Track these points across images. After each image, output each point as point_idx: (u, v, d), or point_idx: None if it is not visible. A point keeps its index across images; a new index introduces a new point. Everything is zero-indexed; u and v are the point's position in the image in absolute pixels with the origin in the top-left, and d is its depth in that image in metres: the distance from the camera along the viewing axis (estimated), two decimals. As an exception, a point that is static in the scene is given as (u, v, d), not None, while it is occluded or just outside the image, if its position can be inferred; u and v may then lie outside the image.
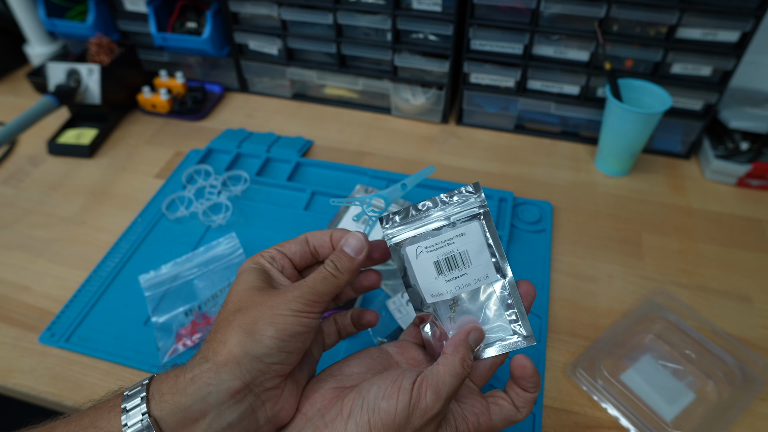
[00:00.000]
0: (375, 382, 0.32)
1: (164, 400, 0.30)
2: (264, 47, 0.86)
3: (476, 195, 0.36)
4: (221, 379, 0.31)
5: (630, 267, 0.62)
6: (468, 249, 0.36)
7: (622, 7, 0.67)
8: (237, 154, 0.76)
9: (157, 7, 0.84)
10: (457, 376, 0.32)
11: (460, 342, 0.34)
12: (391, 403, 0.30)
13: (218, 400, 0.30)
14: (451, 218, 0.36)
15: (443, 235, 0.36)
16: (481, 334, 0.35)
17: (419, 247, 0.36)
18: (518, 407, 0.35)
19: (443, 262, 0.36)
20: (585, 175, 0.76)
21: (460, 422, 0.33)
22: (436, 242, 0.36)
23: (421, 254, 0.36)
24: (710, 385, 0.51)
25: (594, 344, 0.54)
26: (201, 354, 0.32)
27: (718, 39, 0.68)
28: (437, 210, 0.37)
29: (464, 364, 0.33)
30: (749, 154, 0.72)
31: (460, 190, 0.36)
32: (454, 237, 0.36)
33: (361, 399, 0.31)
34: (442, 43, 0.78)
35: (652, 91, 0.71)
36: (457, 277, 0.36)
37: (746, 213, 0.70)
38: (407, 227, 0.37)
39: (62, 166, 0.78)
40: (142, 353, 0.53)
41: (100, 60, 0.83)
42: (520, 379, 0.35)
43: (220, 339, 0.32)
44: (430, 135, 0.83)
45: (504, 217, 0.66)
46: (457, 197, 0.36)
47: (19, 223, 0.68)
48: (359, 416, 0.31)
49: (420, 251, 0.36)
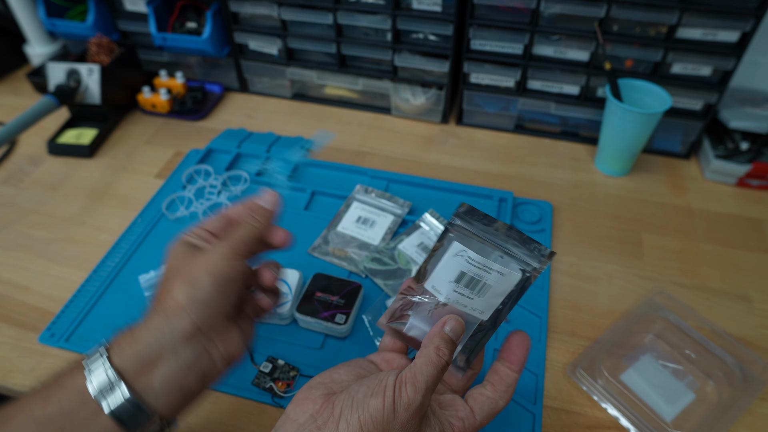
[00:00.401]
0: (363, 383, 0.33)
1: (123, 351, 0.34)
2: (264, 47, 0.86)
3: (542, 260, 0.36)
4: (173, 325, 0.34)
5: (630, 267, 0.62)
6: (493, 286, 0.36)
7: (622, 7, 0.67)
8: (237, 154, 0.76)
9: (157, 7, 0.84)
10: (432, 365, 0.33)
11: (435, 333, 0.35)
12: (379, 399, 0.31)
13: (173, 344, 0.34)
14: (506, 256, 0.36)
15: (489, 259, 0.36)
16: (458, 324, 0.36)
17: (465, 251, 0.37)
18: (499, 394, 0.36)
19: (467, 277, 0.37)
20: (585, 175, 0.76)
21: (447, 428, 0.34)
22: (479, 261, 0.36)
23: (459, 257, 0.37)
24: (710, 385, 0.51)
25: (594, 344, 0.54)
26: (150, 311, 0.36)
27: (718, 39, 0.68)
28: (508, 241, 0.37)
29: (439, 352, 0.33)
30: (749, 154, 0.72)
31: (538, 245, 0.36)
32: (494, 269, 0.36)
33: (351, 399, 0.32)
34: (442, 43, 0.78)
35: (652, 91, 0.71)
36: (463, 294, 0.37)
37: (746, 213, 0.70)
38: (474, 227, 0.37)
39: (62, 166, 0.78)
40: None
41: (100, 60, 0.83)
42: (510, 353, 0.36)
43: (165, 294, 0.36)
44: (430, 135, 0.83)
45: (504, 217, 0.66)
46: (530, 246, 0.36)
47: (19, 223, 0.68)
48: (349, 416, 0.32)
49: (461, 254, 0.37)
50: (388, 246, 0.63)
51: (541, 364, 0.52)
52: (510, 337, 0.37)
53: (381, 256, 0.62)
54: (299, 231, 0.66)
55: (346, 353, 0.53)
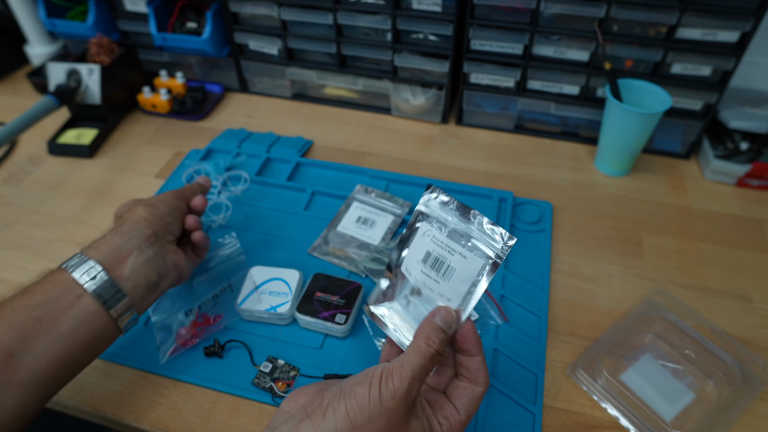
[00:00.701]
0: (354, 377, 0.35)
1: (99, 250, 0.44)
2: (264, 47, 0.86)
3: (504, 244, 0.36)
4: (138, 229, 0.47)
5: (630, 267, 0.62)
6: (457, 270, 0.37)
7: (622, 7, 0.67)
8: (237, 154, 0.76)
9: (158, 7, 0.84)
10: (421, 355, 0.34)
11: (425, 324, 0.36)
12: (365, 387, 0.33)
13: (138, 242, 0.46)
14: (471, 241, 0.37)
15: (453, 242, 0.37)
16: (448, 314, 0.37)
17: (431, 230, 0.38)
18: (473, 381, 0.37)
19: (432, 257, 0.38)
20: (585, 175, 0.76)
21: (435, 426, 0.35)
22: (443, 241, 0.38)
23: (426, 236, 0.39)
24: (710, 385, 0.51)
25: (594, 344, 0.54)
26: (117, 225, 0.48)
27: (718, 39, 0.68)
28: (471, 224, 0.38)
29: (428, 342, 0.35)
30: (749, 154, 0.72)
31: (501, 231, 0.37)
32: (457, 251, 0.37)
33: (339, 389, 0.34)
34: (442, 43, 0.78)
35: (652, 91, 0.71)
36: (430, 276, 0.38)
37: (746, 213, 0.70)
38: (442, 211, 0.39)
39: (62, 166, 0.78)
40: (143, 353, 0.53)
41: (100, 60, 0.83)
42: (462, 342, 0.37)
43: (130, 213, 0.49)
44: (430, 135, 0.83)
45: (504, 217, 0.67)
46: (493, 232, 0.37)
47: (19, 223, 0.69)
48: (337, 404, 0.33)
49: (427, 234, 0.39)
50: (388, 246, 0.63)
51: (541, 363, 0.52)
52: (458, 331, 0.37)
53: (381, 256, 0.62)
54: (299, 231, 0.66)
55: (346, 353, 0.53)
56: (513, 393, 0.50)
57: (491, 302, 0.57)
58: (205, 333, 0.54)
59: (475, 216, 0.38)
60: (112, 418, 0.48)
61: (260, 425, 0.48)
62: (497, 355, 0.53)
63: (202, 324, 0.54)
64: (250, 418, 0.48)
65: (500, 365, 0.52)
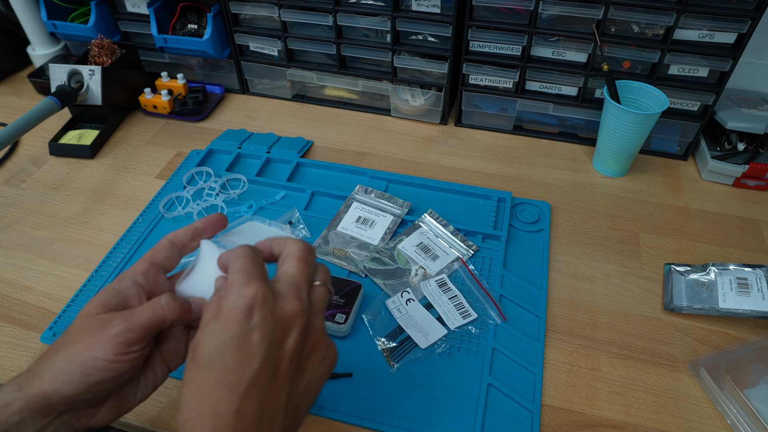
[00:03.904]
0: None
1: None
2: (264, 48, 0.86)
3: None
4: (32, 411, 0.33)
5: (628, 267, 0.63)
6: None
7: (620, 8, 0.68)
8: (237, 155, 0.77)
9: (158, 9, 0.85)
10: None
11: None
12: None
13: (34, 424, 0.34)
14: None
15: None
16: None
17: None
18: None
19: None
20: (583, 176, 0.76)
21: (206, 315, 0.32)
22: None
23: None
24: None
25: (735, 349, 0.52)
26: (19, 379, 0.34)
27: (715, 40, 0.69)
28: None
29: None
30: (746, 154, 0.72)
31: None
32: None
33: None
34: (441, 44, 0.78)
35: (650, 93, 0.71)
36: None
37: (743, 213, 0.70)
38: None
39: (64, 167, 0.78)
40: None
41: (101, 61, 0.83)
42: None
43: (37, 369, 0.34)
44: (430, 136, 0.84)
45: (502, 218, 0.67)
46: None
47: (20, 223, 0.69)
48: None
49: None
50: (387, 246, 0.63)
51: (540, 362, 0.52)
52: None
53: (381, 256, 0.62)
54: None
55: (346, 352, 0.53)
56: (512, 392, 0.50)
57: (490, 302, 0.57)
58: None
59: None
60: (114, 416, 0.49)
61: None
62: (496, 354, 0.53)
63: None
64: (250, 417, 0.48)
65: (499, 364, 0.52)
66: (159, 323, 0.35)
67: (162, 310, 0.35)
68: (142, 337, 0.34)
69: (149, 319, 0.35)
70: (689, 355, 0.54)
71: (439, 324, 0.55)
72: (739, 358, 0.52)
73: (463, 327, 0.55)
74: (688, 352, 0.54)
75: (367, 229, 0.65)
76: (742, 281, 0.57)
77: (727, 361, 0.51)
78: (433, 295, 0.58)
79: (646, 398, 0.50)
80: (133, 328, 0.34)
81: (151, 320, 0.35)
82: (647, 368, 0.53)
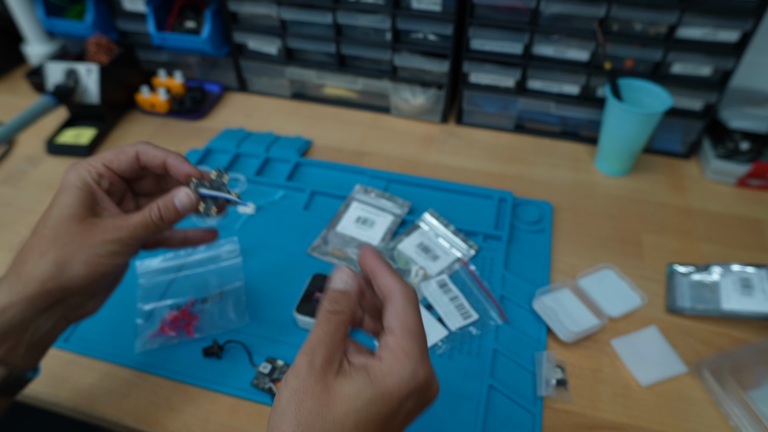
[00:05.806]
0: None
1: None
2: (263, 47, 0.85)
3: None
4: (34, 306, 0.34)
5: (630, 267, 0.62)
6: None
7: (622, 6, 0.67)
8: (236, 154, 0.76)
9: (156, 7, 0.84)
10: (317, 323, 0.32)
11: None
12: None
13: (34, 319, 0.35)
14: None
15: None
16: (341, 272, 0.34)
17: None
18: (388, 298, 0.33)
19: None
20: (585, 175, 0.76)
21: (373, 366, 0.32)
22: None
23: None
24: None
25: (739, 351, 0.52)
26: (10, 283, 0.34)
27: (718, 39, 0.68)
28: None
29: (324, 309, 0.32)
30: (749, 154, 0.72)
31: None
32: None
33: None
34: (442, 42, 0.78)
35: (652, 91, 0.71)
36: None
37: (746, 213, 0.70)
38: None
39: (61, 166, 0.77)
40: (141, 354, 0.53)
41: (98, 59, 0.83)
42: (364, 267, 0.35)
43: (31, 270, 0.34)
44: (430, 135, 0.83)
45: (504, 218, 0.66)
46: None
47: (17, 224, 0.68)
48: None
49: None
50: (387, 246, 0.63)
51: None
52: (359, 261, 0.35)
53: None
54: (299, 231, 0.66)
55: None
56: (513, 393, 0.50)
57: (491, 303, 0.57)
58: (179, 332, 0.54)
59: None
60: (111, 419, 0.48)
61: (259, 426, 0.48)
62: (497, 355, 0.53)
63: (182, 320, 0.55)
64: (249, 419, 0.48)
65: (500, 365, 0.52)
66: (153, 235, 0.38)
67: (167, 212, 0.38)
68: (137, 243, 0.37)
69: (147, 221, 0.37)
70: (692, 357, 0.53)
71: (440, 325, 0.55)
72: (742, 360, 0.51)
73: (463, 328, 0.55)
74: (691, 354, 0.54)
75: (366, 229, 0.65)
76: (745, 282, 0.56)
77: (730, 363, 0.50)
78: (433, 296, 0.57)
79: (649, 400, 0.50)
80: (132, 235, 0.36)
81: (145, 224, 0.37)
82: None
